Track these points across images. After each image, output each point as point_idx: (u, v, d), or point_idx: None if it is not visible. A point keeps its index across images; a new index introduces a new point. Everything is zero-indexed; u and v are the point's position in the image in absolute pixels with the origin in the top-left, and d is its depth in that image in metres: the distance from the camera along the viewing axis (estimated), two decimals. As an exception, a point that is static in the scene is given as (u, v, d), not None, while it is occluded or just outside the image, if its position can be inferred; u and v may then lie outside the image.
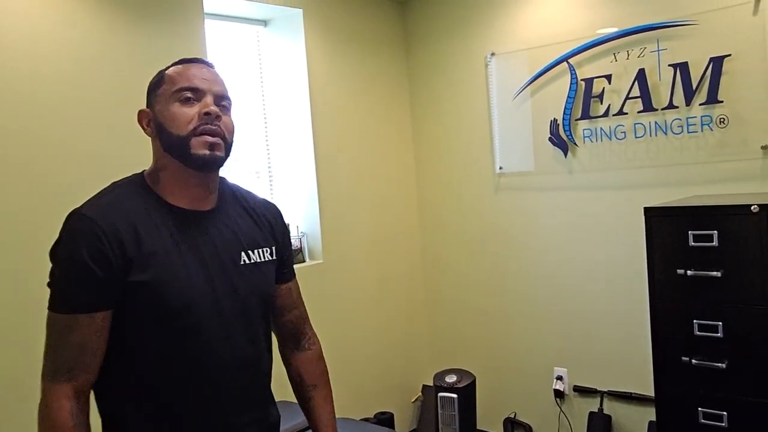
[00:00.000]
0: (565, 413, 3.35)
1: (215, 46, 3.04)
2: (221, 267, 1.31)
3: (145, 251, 1.23)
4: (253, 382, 1.37)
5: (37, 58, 2.32)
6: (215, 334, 1.28)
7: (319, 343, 1.61)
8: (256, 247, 1.38)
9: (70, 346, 1.19)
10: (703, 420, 2.33)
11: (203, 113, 1.27)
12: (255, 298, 1.36)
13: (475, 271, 3.65)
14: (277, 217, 1.49)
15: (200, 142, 1.26)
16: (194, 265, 1.27)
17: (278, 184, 3.38)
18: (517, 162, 3.40)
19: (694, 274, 2.30)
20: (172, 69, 1.33)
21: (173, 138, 1.27)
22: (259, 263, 1.38)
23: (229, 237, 1.34)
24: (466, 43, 3.54)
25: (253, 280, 1.36)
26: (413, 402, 3.82)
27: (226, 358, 1.30)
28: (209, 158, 1.27)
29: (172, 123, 1.27)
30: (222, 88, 1.34)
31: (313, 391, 1.54)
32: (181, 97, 1.28)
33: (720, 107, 2.72)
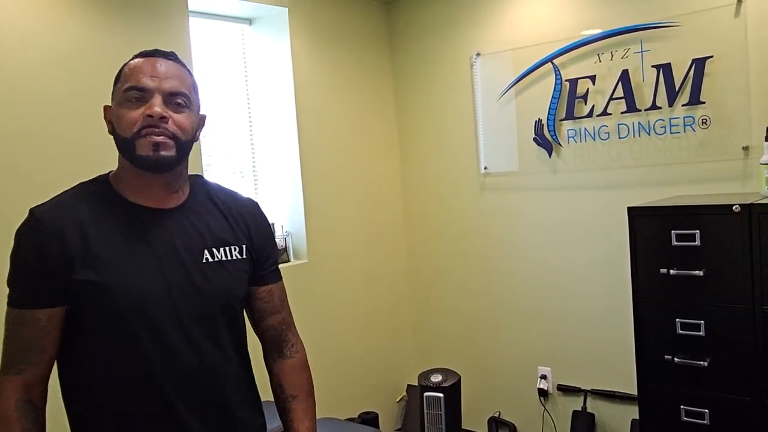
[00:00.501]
0: (549, 412, 3.37)
1: (200, 45, 3.02)
2: (180, 266, 1.26)
3: (92, 250, 1.20)
4: (218, 389, 1.30)
5: (19, 55, 2.29)
6: (171, 337, 1.23)
7: (304, 352, 1.53)
8: (223, 245, 1.33)
9: (18, 341, 1.21)
10: (685, 418, 2.36)
11: (146, 115, 1.22)
12: (219, 298, 1.31)
13: (459, 271, 3.65)
14: (256, 216, 1.43)
15: (144, 143, 1.22)
16: (148, 265, 1.24)
17: (263, 183, 3.37)
18: (501, 162, 3.41)
19: (677, 273, 2.32)
20: (129, 64, 1.28)
21: (120, 139, 1.25)
22: (224, 261, 1.32)
23: (192, 235, 1.30)
24: (451, 43, 3.54)
25: (216, 279, 1.30)
26: (398, 402, 3.82)
27: (185, 362, 1.25)
28: (154, 159, 1.23)
29: (119, 124, 1.24)
30: (175, 83, 1.27)
31: (292, 402, 1.46)
32: (129, 98, 1.24)
33: (702, 108, 2.75)
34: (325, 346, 3.37)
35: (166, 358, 1.23)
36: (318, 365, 3.41)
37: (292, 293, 3.42)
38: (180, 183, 1.33)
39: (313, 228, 3.33)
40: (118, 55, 2.56)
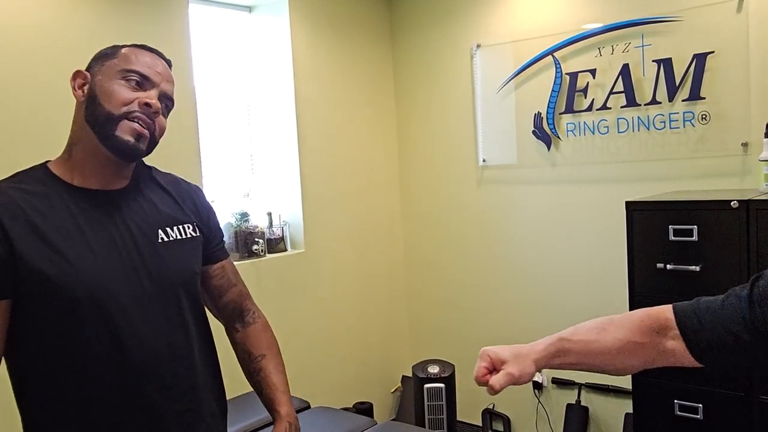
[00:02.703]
0: (543, 405, 3.38)
1: (199, 31, 3.00)
2: (135, 247, 1.24)
3: (40, 238, 1.16)
4: (184, 368, 1.29)
5: (14, 40, 2.27)
6: (134, 320, 1.21)
7: (264, 317, 1.55)
8: (176, 224, 1.32)
9: None
10: (678, 412, 2.36)
11: (143, 103, 1.22)
12: (179, 277, 1.30)
13: (456, 263, 3.66)
14: (199, 194, 1.44)
15: (128, 126, 1.21)
16: (102, 248, 1.21)
17: (260, 172, 3.36)
18: (500, 155, 3.41)
19: (674, 268, 2.32)
20: (130, 50, 1.27)
21: (102, 112, 1.21)
22: (179, 240, 1.32)
23: (144, 215, 1.28)
24: (451, 34, 3.53)
25: (174, 258, 1.29)
26: (392, 392, 3.83)
27: (150, 344, 1.23)
28: (131, 147, 1.22)
29: (107, 97, 1.21)
30: (171, 88, 1.29)
31: (262, 361, 1.46)
32: (128, 77, 1.22)
33: (702, 103, 2.75)
34: (320, 335, 3.37)
35: (131, 341, 1.21)
36: (313, 355, 3.43)
37: (287, 283, 3.44)
38: (131, 166, 1.32)
39: (310, 218, 3.32)
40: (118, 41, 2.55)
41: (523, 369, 1.08)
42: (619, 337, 1.10)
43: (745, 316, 1.00)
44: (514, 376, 1.06)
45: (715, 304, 1.05)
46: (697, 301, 1.08)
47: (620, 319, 1.13)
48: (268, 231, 3.20)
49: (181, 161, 2.71)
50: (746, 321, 0.99)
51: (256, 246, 3.08)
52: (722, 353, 1.03)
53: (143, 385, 1.22)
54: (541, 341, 1.14)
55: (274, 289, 3.15)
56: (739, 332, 1.00)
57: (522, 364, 1.09)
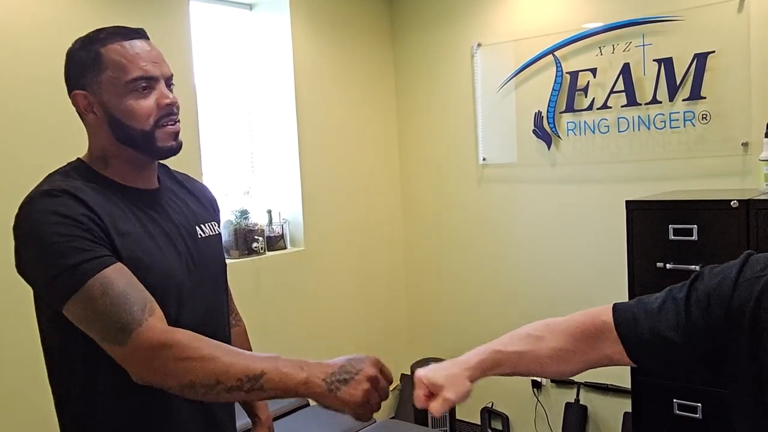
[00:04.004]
0: (542, 404, 3.39)
1: (200, 29, 3.00)
2: (184, 242, 1.29)
3: (121, 231, 1.17)
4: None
5: (12, 38, 2.27)
6: (194, 307, 1.26)
7: (244, 323, 1.63)
8: (205, 222, 1.37)
9: (132, 288, 1.10)
10: (677, 411, 2.37)
11: (164, 104, 1.21)
12: (217, 269, 1.37)
13: (455, 261, 3.66)
14: (212, 195, 1.49)
15: (166, 133, 1.22)
16: (163, 243, 1.24)
17: (260, 169, 3.36)
18: (500, 153, 3.41)
19: (674, 267, 2.32)
20: (112, 50, 1.20)
21: (135, 132, 1.20)
22: (212, 236, 1.37)
23: (182, 213, 1.33)
24: (452, 33, 3.53)
25: (212, 251, 1.36)
26: (391, 391, 3.83)
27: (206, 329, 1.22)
28: (176, 148, 1.26)
29: (131, 117, 1.19)
30: (167, 66, 1.26)
31: None
32: (136, 88, 1.19)
33: (703, 103, 2.75)
34: (319, 333, 3.37)
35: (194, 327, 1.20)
36: (312, 353, 3.42)
37: (288, 280, 3.43)
38: (156, 167, 1.35)
39: (310, 216, 3.32)
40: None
41: (458, 390, 1.09)
42: (554, 346, 1.11)
43: (681, 319, 1.00)
44: (451, 401, 1.08)
45: (653, 306, 1.05)
46: (638, 302, 1.09)
47: (557, 324, 1.14)
48: (267, 229, 3.21)
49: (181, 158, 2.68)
50: (681, 325, 1.00)
51: (255, 244, 3.08)
52: (660, 356, 1.05)
53: None
54: (474, 354, 1.16)
55: (273, 287, 3.15)
56: (674, 337, 1.00)
57: (457, 385, 1.10)
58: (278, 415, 2.57)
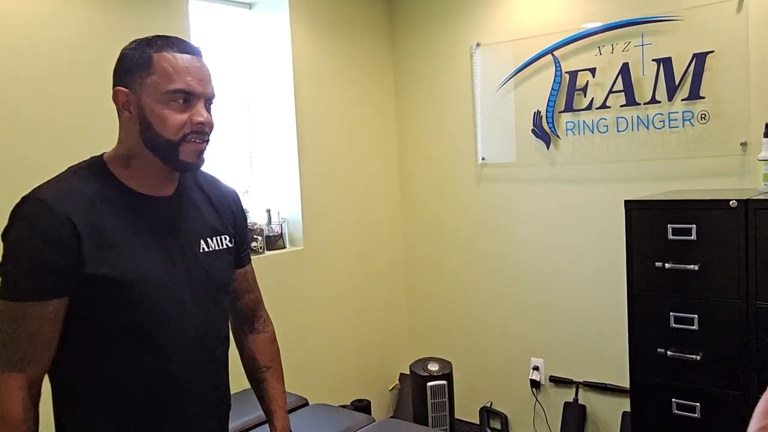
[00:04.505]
0: (541, 403, 3.39)
1: (199, 28, 3.00)
2: (182, 254, 1.28)
3: (104, 239, 1.18)
4: (212, 369, 1.36)
5: (12, 36, 2.27)
6: (179, 324, 1.26)
7: (273, 326, 1.61)
8: (215, 235, 1.36)
9: (22, 335, 1.15)
10: (676, 411, 2.37)
11: (196, 122, 1.23)
12: (214, 286, 1.35)
13: (455, 261, 3.66)
14: (238, 203, 1.48)
15: (191, 150, 1.24)
16: (155, 253, 1.24)
17: (259, 169, 3.36)
18: (499, 153, 3.41)
19: (672, 267, 2.32)
20: (164, 58, 1.22)
21: (161, 139, 1.22)
22: (217, 251, 1.36)
23: (188, 224, 1.32)
24: (451, 33, 3.53)
25: (211, 267, 1.34)
26: (390, 390, 3.83)
27: (189, 346, 1.29)
28: (197, 165, 1.28)
29: (161, 124, 1.21)
30: (212, 87, 1.28)
31: (266, 373, 1.53)
32: (175, 99, 1.21)
33: (702, 103, 2.75)
34: (318, 333, 3.37)
35: (176, 345, 1.26)
36: (311, 352, 3.43)
37: (287, 280, 3.43)
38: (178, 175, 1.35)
39: (309, 215, 3.32)
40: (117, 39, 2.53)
41: None
42: None
43: None
44: None
45: None
46: None
47: None
48: (266, 228, 3.21)
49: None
50: None
51: (254, 243, 3.08)
52: None
53: (181, 386, 1.29)
54: None
55: (272, 287, 3.14)
56: None
57: None
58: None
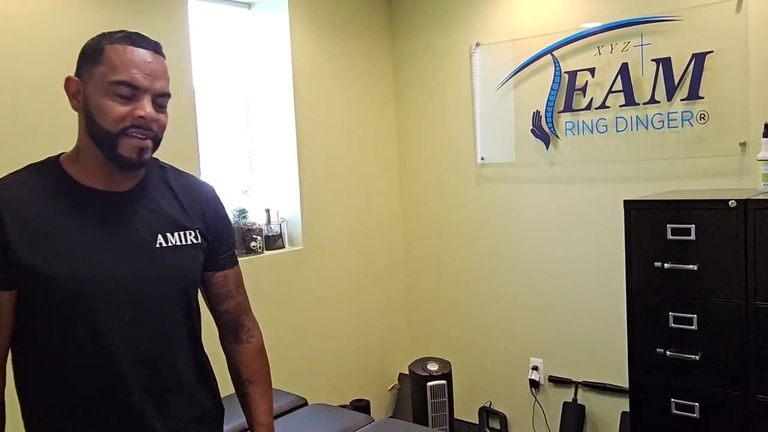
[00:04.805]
0: (540, 403, 3.39)
1: (198, 28, 3.00)
2: (134, 250, 1.25)
3: (38, 233, 1.17)
4: (173, 372, 1.31)
5: (10, 35, 2.27)
6: (124, 323, 1.23)
7: (260, 337, 1.53)
8: (178, 230, 1.32)
9: None
10: (675, 411, 2.37)
11: (137, 115, 1.19)
12: (173, 283, 1.30)
13: (454, 261, 3.66)
14: (210, 199, 1.42)
15: (130, 144, 1.20)
16: (100, 249, 1.22)
17: (259, 168, 3.36)
18: (498, 153, 3.41)
19: (671, 267, 2.32)
20: (114, 50, 1.20)
21: (101, 130, 1.20)
22: (178, 246, 1.31)
23: (145, 218, 1.28)
24: (451, 33, 3.53)
25: (170, 263, 1.29)
26: (389, 390, 3.83)
27: (138, 347, 1.25)
28: (135, 162, 1.23)
29: (101, 115, 1.19)
30: (164, 82, 1.24)
31: (249, 387, 1.47)
32: (118, 91, 1.19)
33: (701, 103, 2.75)
34: (317, 332, 3.37)
35: (115, 340, 1.22)
36: (311, 352, 3.43)
37: (286, 280, 3.43)
38: (140, 171, 1.31)
39: (308, 215, 3.32)
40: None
41: None
42: None
43: None
44: None
45: None
46: None
47: None
48: (266, 228, 3.20)
49: (180, 157, 2.69)
50: None
51: (254, 243, 3.08)
52: None
53: (132, 387, 1.24)
54: None
55: (271, 286, 3.15)
56: None
57: None
58: (276, 414, 2.57)
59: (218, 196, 1.46)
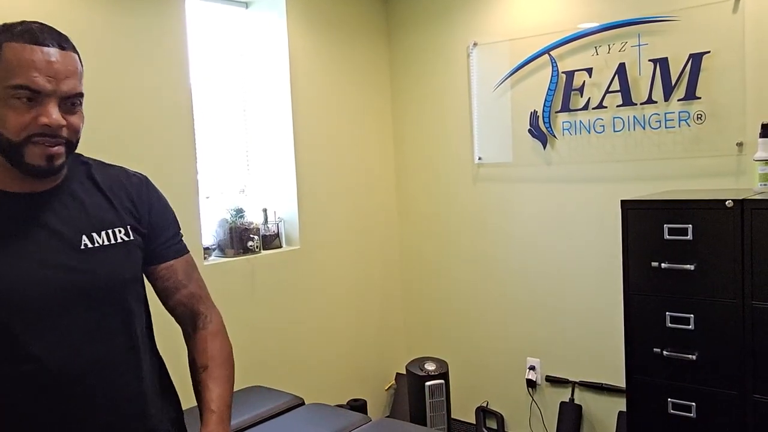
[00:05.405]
0: (537, 403, 3.39)
1: (195, 26, 2.99)
2: (56, 254, 1.14)
3: None
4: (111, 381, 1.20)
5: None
6: (53, 336, 1.13)
7: (219, 321, 1.40)
8: (105, 228, 1.21)
9: None
10: (672, 410, 2.37)
11: (41, 123, 1.08)
12: (103, 285, 1.19)
13: (451, 261, 3.66)
14: (143, 191, 1.31)
15: (36, 152, 1.10)
16: (17, 257, 1.11)
17: (256, 168, 3.35)
18: (496, 153, 3.41)
19: (668, 266, 2.33)
20: (11, 49, 1.09)
21: (2, 139, 1.09)
22: (107, 246, 1.20)
23: (68, 219, 1.18)
24: (448, 32, 3.53)
25: (99, 264, 1.19)
26: (386, 390, 3.83)
27: (74, 362, 1.14)
28: (45, 169, 1.12)
29: (2, 123, 1.08)
30: (73, 82, 1.12)
31: (203, 374, 1.32)
32: (17, 96, 1.07)
33: (698, 103, 2.76)
34: (314, 332, 3.37)
35: (43, 354, 1.12)
36: (308, 352, 3.43)
37: (283, 279, 3.42)
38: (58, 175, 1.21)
39: (306, 215, 3.32)
40: (114, 39, 2.55)
41: None
42: None
43: None
44: None
45: None
46: None
47: None
48: (263, 227, 3.20)
49: (177, 157, 2.70)
50: None
51: (251, 242, 3.08)
52: None
53: (63, 400, 1.15)
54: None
55: (268, 286, 3.15)
56: None
57: None
58: (273, 414, 2.58)
59: (151, 184, 1.35)
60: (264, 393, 2.74)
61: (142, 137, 2.56)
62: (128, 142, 2.49)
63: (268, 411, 2.57)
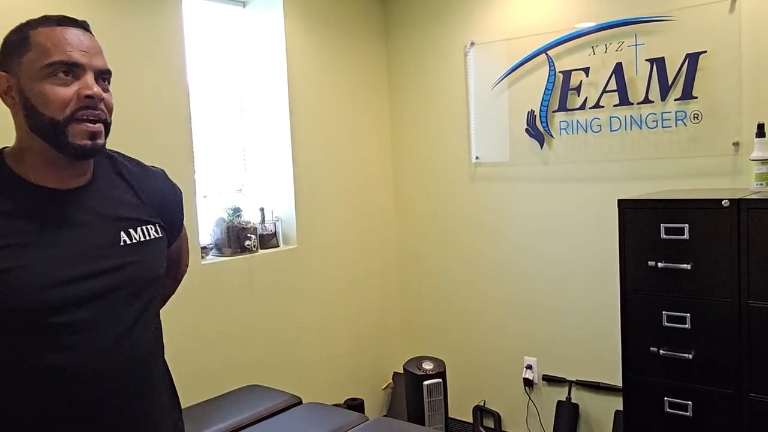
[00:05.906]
0: (534, 402, 3.40)
1: (192, 25, 2.99)
2: (96, 252, 1.15)
3: None
4: (150, 378, 1.25)
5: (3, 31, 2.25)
6: (97, 331, 1.14)
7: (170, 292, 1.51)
8: (140, 225, 1.23)
9: None
10: (668, 409, 2.38)
11: (84, 95, 1.10)
12: (140, 280, 1.21)
13: (448, 260, 3.66)
14: (165, 187, 1.35)
15: (80, 130, 1.10)
16: (60, 253, 1.11)
17: (253, 167, 3.35)
18: (493, 152, 3.41)
19: (665, 266, 2.33)
20: (41, 33, 1.12)
21: (45, 120, 1.10)
22: (143, 242, 1.23)
23: (105, 216, 1.19)
24: (446, 32, 3.53)
25: (137, 260, 1.20)
26: (383, 389, 3.83)
27: (116, 356, 1.16)
28: (90, 149, 1.12)
29: (44, 103, 1.09)
30: (103, 59, 1.16)
31: None
32: (55, 72, 1.09)
33: (694, 103, 2.76)
34: (312, 331, 3.37)
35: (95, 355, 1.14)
36: (305, 351, 3.43)
37: (280, 279, 3.42)
38: (89, 164, 1.21)
39: (303, 214, 3.32)
40: (111, 38, 2.54)
41: None
42: None
43: None
44: None
45: None
46: None
47: None
48: (260, 227, 3.20)
49: (174, 156, 2.70)
50: None
51: (248, 241, 3.07)
52: None
53: (92, 393, 1.15)
54: None
55: (266, 285, 3.14)
56: None
57: None
58: (270, 413, 2.58)
59: (170, 179, 1.39)
60: (261, 392, 2.74)
61: (139, 136, 2.55)
62: (125, 141, 2.48)
63: (265, 410, 2.57)
